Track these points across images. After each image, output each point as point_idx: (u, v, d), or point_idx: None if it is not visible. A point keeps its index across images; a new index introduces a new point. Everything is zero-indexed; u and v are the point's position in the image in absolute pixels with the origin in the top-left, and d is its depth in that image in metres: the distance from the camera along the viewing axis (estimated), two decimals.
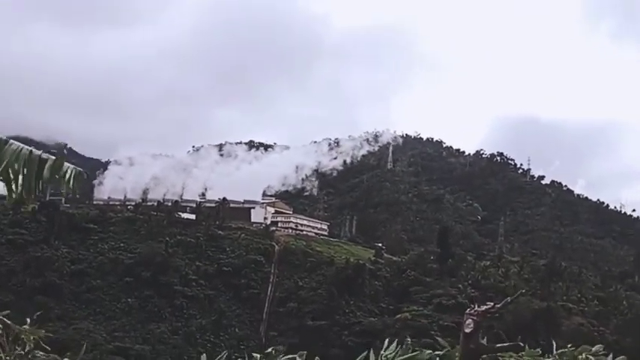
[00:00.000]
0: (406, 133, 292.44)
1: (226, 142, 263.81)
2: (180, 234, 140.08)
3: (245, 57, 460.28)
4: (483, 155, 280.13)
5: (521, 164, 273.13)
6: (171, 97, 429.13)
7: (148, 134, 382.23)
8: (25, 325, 6.78)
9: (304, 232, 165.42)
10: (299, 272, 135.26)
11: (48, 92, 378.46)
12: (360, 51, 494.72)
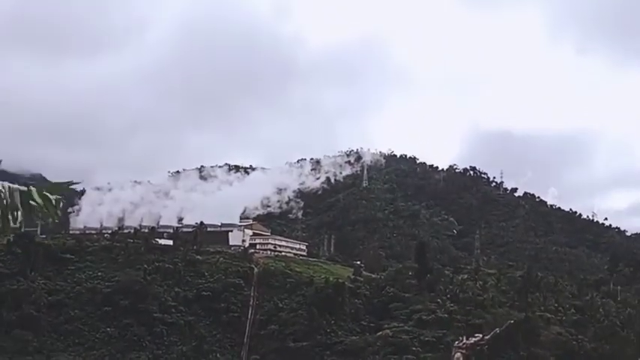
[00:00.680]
0: (380, 151, 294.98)
1: (202, 167, 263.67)
2: (158, 260, 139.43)
3: (218, 81, 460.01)
4: (457, 170, 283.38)
5: (494, 177, 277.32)
6: (145, 124, 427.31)
7: (123, 162, 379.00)
8: None
9: (283, 253, 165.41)
10: (279, 294, 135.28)
11: (19, 124, 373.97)
12: (333, 69, 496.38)
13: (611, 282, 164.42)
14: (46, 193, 6.86)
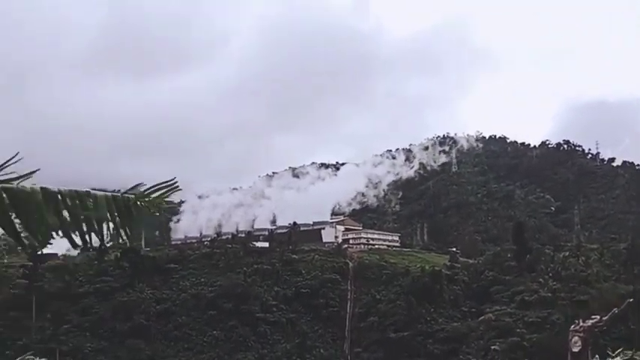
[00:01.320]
0: (468, 134, 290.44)
1: (290, 168, 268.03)
2: (256, 262, 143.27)
3: (301, 81, 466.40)
4: (550, 146, 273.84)
5: (589, 149, 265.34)
6: (233, 131, 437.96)
7: (216, 170, 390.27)
8: None
9: (376, 246, 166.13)
10: (376, 286, 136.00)
11: (114, 142, 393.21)
12: (414, 57, 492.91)
13: None
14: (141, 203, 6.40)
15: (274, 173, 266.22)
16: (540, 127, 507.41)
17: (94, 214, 5.47)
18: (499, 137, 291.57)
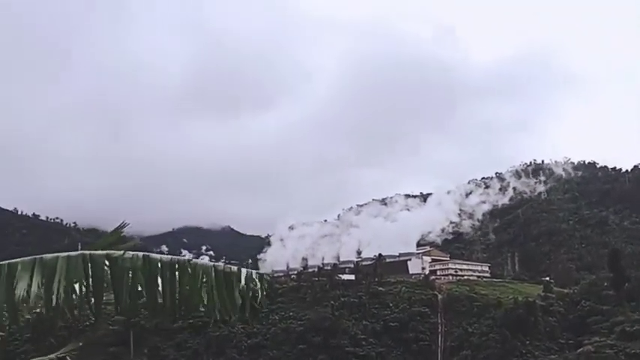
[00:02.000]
0: (555, 160, 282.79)
1: (375, 200, 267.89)
2: (343, 295, 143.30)
3: (387, 113, 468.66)
4: None
5: None
6: (319, 166, 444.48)
7: (302, 204, 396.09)
8: None
9: (465, 277, 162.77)
10: (467, 318, 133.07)
11: (207, 181, 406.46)
12: (499, 84, 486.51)
13: None
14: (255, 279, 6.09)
15: (357, 206, 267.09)
16: (631, 152, 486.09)
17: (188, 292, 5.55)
18: (588, 163, 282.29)
